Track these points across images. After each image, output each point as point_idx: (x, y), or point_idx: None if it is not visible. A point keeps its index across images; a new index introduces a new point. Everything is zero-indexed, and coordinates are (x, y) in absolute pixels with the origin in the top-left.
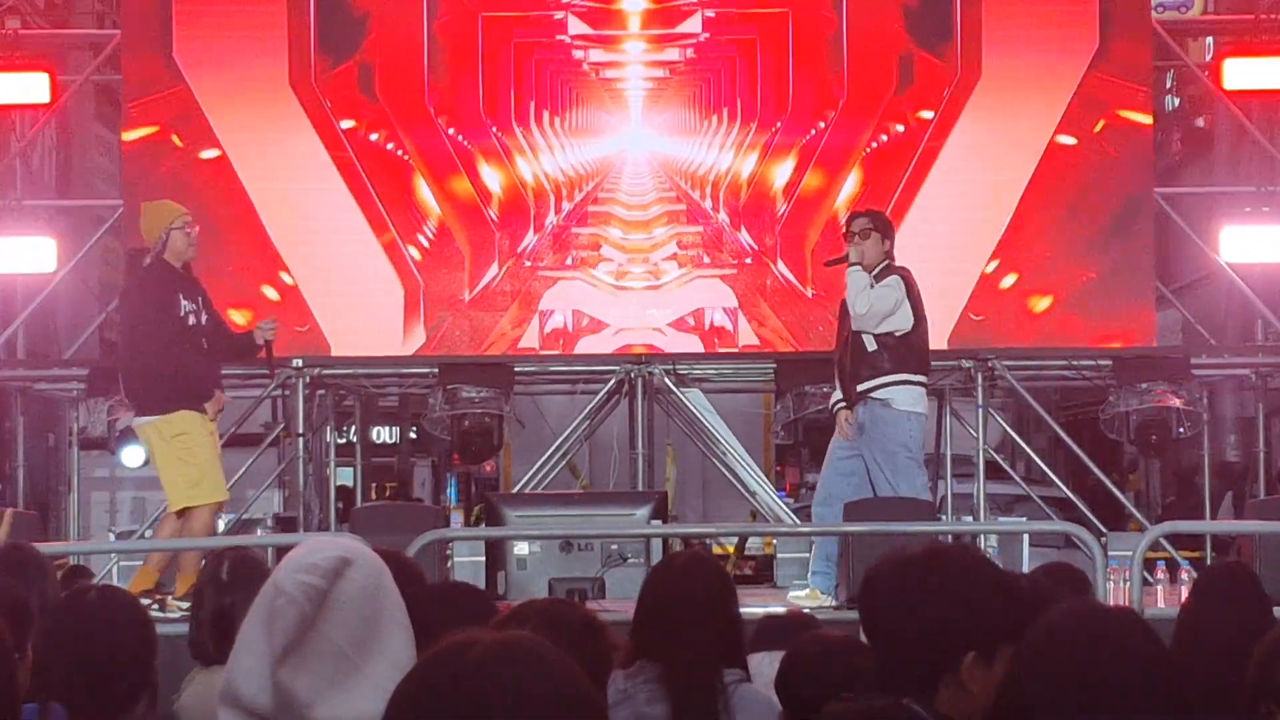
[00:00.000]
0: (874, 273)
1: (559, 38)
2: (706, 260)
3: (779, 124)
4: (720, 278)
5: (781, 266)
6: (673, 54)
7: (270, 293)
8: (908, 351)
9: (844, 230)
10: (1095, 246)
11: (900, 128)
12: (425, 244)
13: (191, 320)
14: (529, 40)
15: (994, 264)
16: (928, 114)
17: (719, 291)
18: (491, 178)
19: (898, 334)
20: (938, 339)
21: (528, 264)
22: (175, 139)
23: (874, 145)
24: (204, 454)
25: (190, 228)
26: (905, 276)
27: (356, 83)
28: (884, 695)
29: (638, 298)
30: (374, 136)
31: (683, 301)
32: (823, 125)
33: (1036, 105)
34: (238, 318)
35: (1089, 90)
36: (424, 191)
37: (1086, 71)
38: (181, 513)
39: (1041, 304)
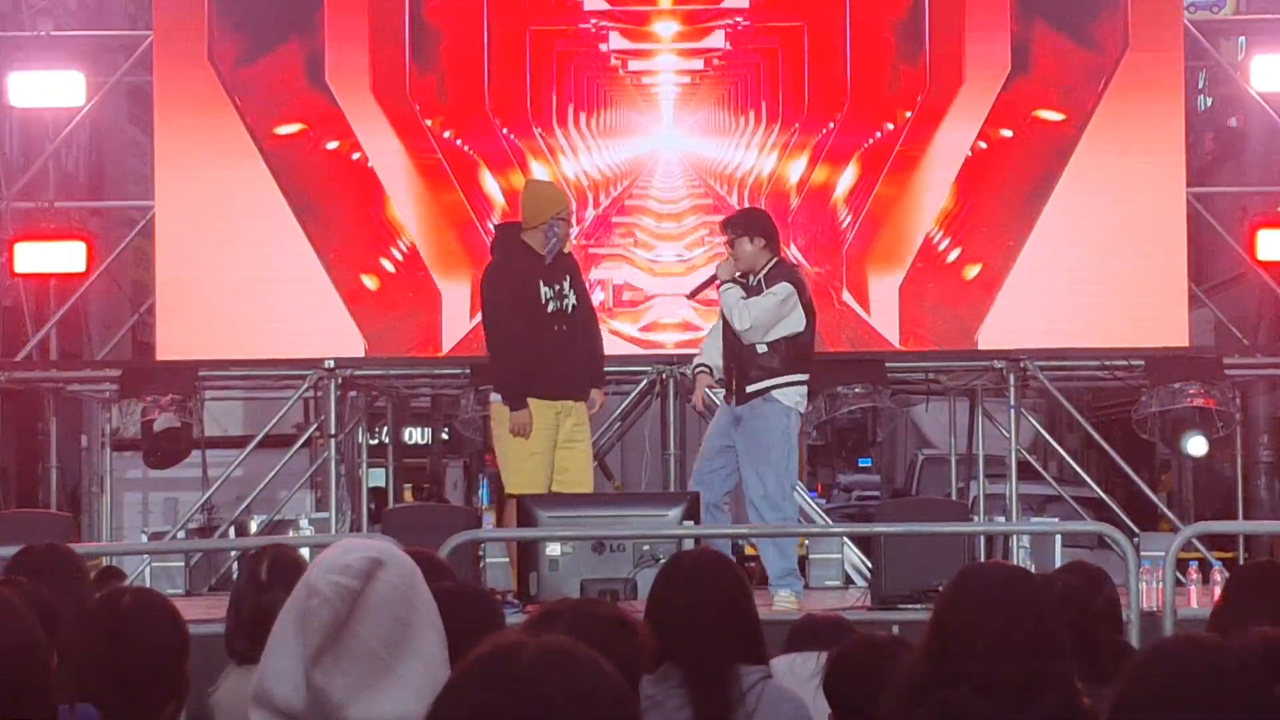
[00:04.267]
0: (760, 275)
1: (582, 26)
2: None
3: (832, 124)
4: None
5: (847, 297)
6: (709, 40)
7: (369, 281)
8: (797, 353)
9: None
10: (1126, 246)
11: (890, 126)
12: (390, 270)
13: (551, 307)
14: (547, 28)
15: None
16: (1051, 115)
17: None
18: (494, 187)
19: (789, 336)
20: (964, 339)
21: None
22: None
23: (869, 143)
24: (536, 445)
25: (567, 223)
26: (795, 278)
27: (435, 89)
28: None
29: (672, 283)
30: (447, 134)
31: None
32: (892, 126)
33: (1117, 96)
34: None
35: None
36: (490, 185)
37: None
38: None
39: (1070, 303)
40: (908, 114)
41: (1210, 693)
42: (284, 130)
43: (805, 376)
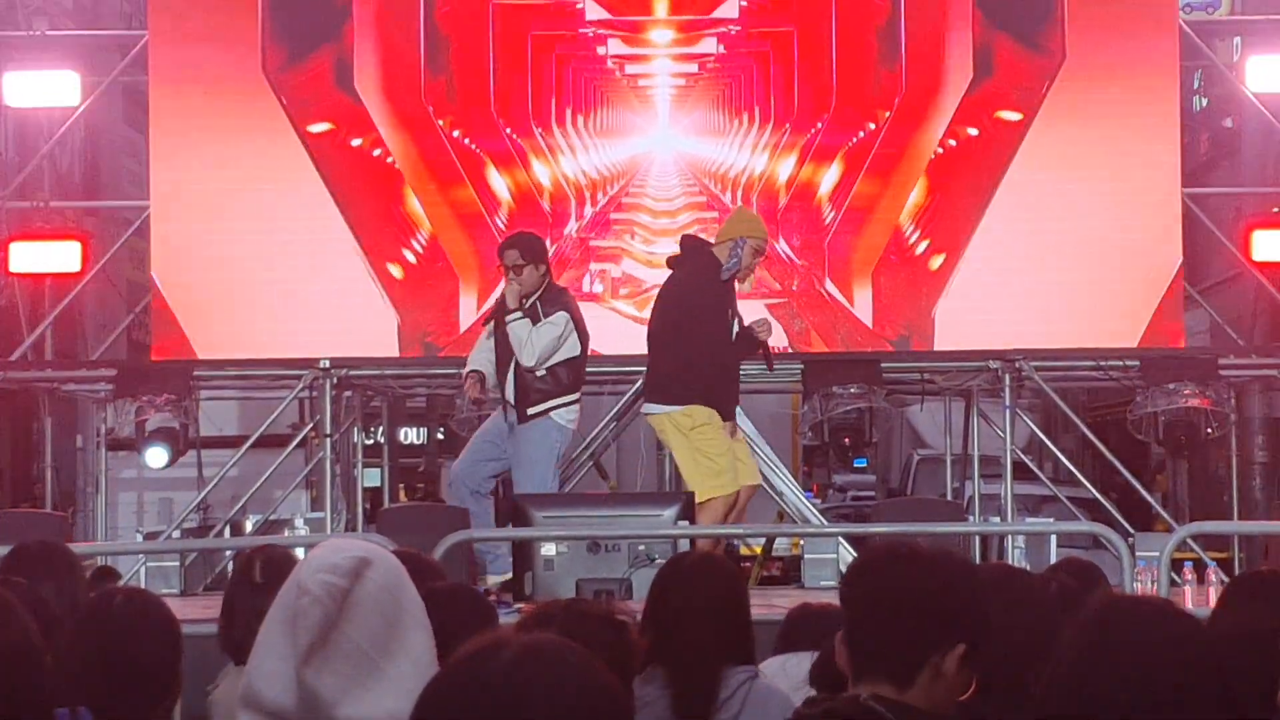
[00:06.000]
0: (535, 298)
1: (581, 31)
2: (746, 283)
3: (820, 124)
4: (767, 306)
5: (830, 286)
6: (703, 46)
7: (395, 271)
8: (573, 374)
9: (509, 264)
10: (1122, 247)
11: (871, 126)
12: (412, 260)
13: (734, 328)
14: (547, 33)
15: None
16: (1010, 115)
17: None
18: (542, 173)
19: (566, 360)
20: (966, 340)
21: (575, 236)
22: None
23: (852, 142)
24: (722, 444)
25: (757, 254)
26: (568, 303)
27: (445, 91)
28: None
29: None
30: (455, 134)
31: None
32: (873, 126)
33: (1116, 96)
34: None
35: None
36: (496, 182)
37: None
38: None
39: (1066, 304)
40: (886, 114)
41: (1156, 651)
42: (316, 129)
43: (578, 395)
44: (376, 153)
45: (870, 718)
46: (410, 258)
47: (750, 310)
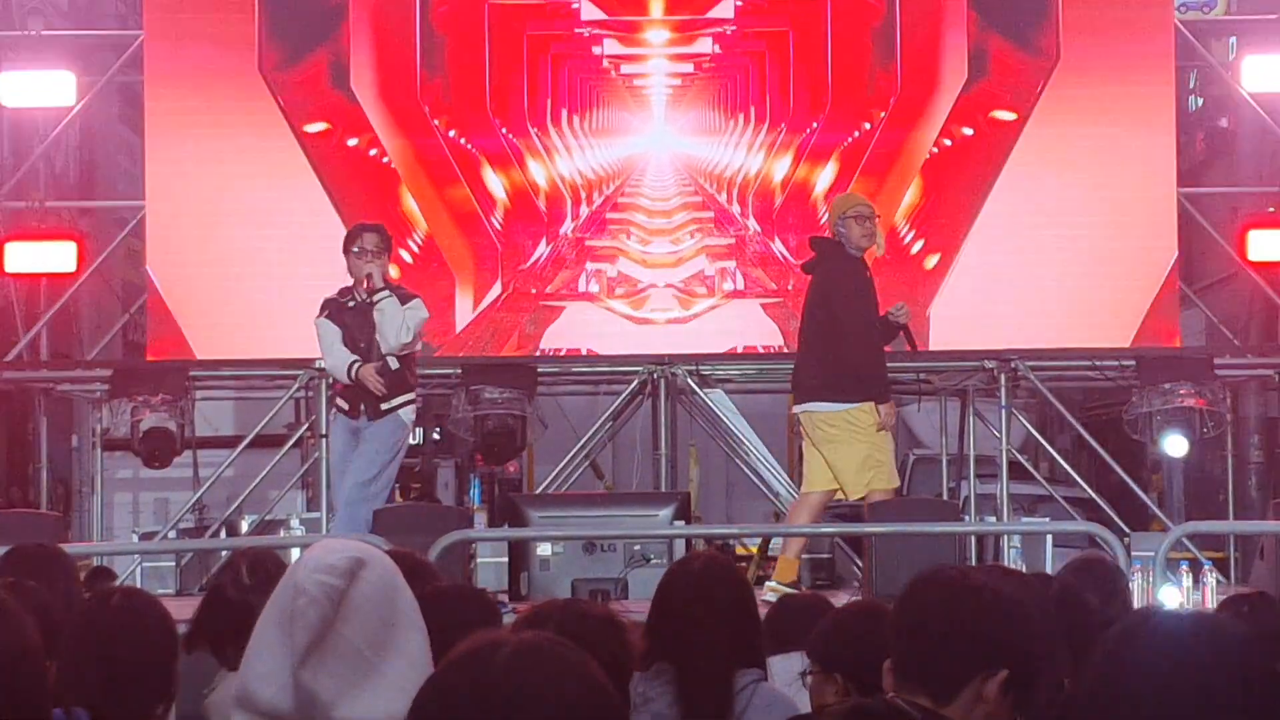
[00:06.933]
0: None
1: (577, 31)
2: (741, 283)
3: (815, 124)
4: (763, 306)
5: (778, 244)
6: (698, 46)
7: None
8: (412, 369)
9: (355, 249)
10: (1117, 246)
11: (867, 125)
12: (408, 260)
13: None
14: (543, 33)
15: (1009, 262)
16: (1005, 115)
17: (760, 325)
18: (538, 173)
19: (411, 353)
20: (962, 340)
21: (532, 290)
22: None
23: (848, 141)
24: (888, 444)
25: (863, 220)
26: (411, 291)
27: (440, 91)
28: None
29: (661, 332)
30: (452, 134)
31: (714, 335)
32: (869, 126)
33: (1111, 96)
34: None
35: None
36: (492, 181)
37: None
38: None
39: (1061, 304)
40: (881, 114)
41: (1197, 663)
42: (312, 129)
43: (416, 394)
44: (372, 152)
45: (900, 717)
46: (406, 257)
47: (747, 309)
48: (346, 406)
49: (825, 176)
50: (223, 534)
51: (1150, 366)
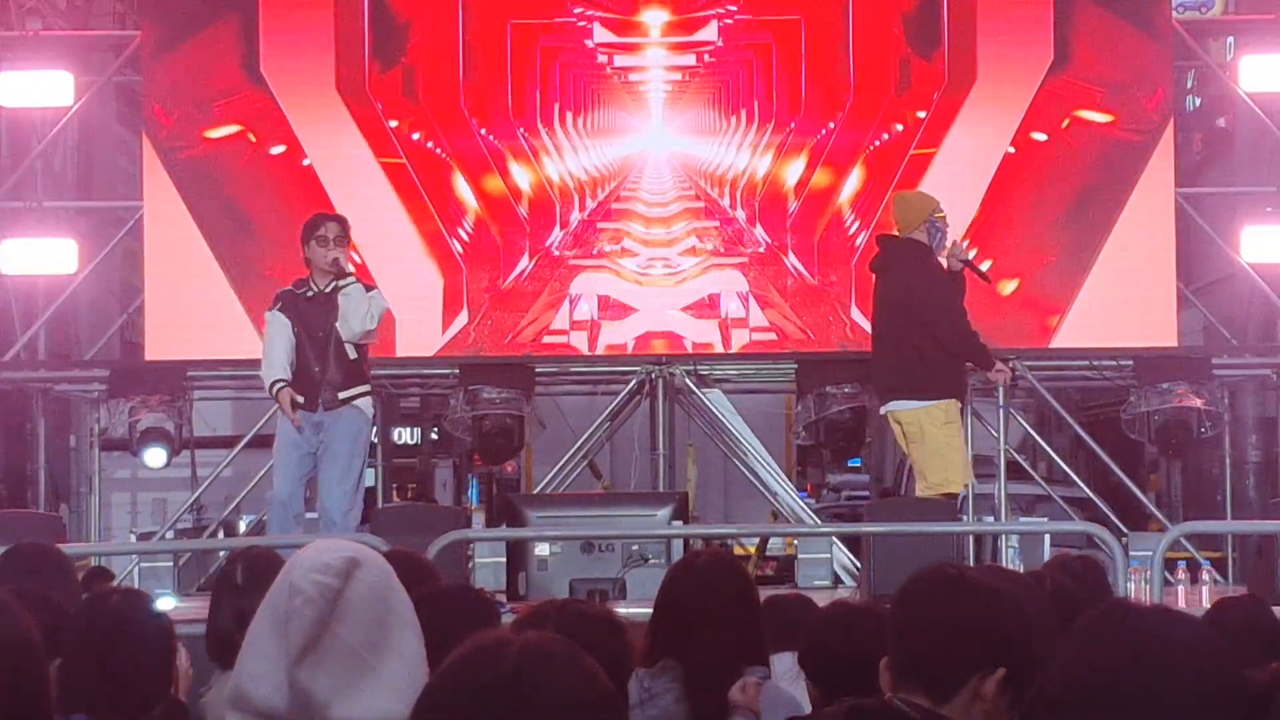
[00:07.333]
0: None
1: (585, 43)
2: (722, 251)
3: (792, 125)
4: (734, 266)
5: (793, 258)
6: (700, 34)
7: None
8: (367, 359)
9: (317, 235)
10: (1115, 246)
11: (899, 127)
12: (465, 238)
13: None
14: (529, 21)
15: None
16: (922, 114)
17: (732, 279)
18: (521, 177)
19: (369, 343)
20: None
21: (556, 253)
22: (250, 136)
23: (875, 144)
24: (961, 442)
25: (944, 222)
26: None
27: (401, 86)
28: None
29: (658, 293)
30: (416, 136)
31: (698, 291)
32: (832, 125)
33: (1036, 104)
34: None
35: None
36: (462, 189)
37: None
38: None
39: (1059, 304)
40: (920, 114)
41: (1161, 660)
42: (217, 134)
43: (370, 386)
44: (431, 145)
45: (898, 717)
46: (464, 235)
47: (744, 309)
48: (303, 400)
49: (851, 184)
50: (220, 534)
51: (1148, 366)
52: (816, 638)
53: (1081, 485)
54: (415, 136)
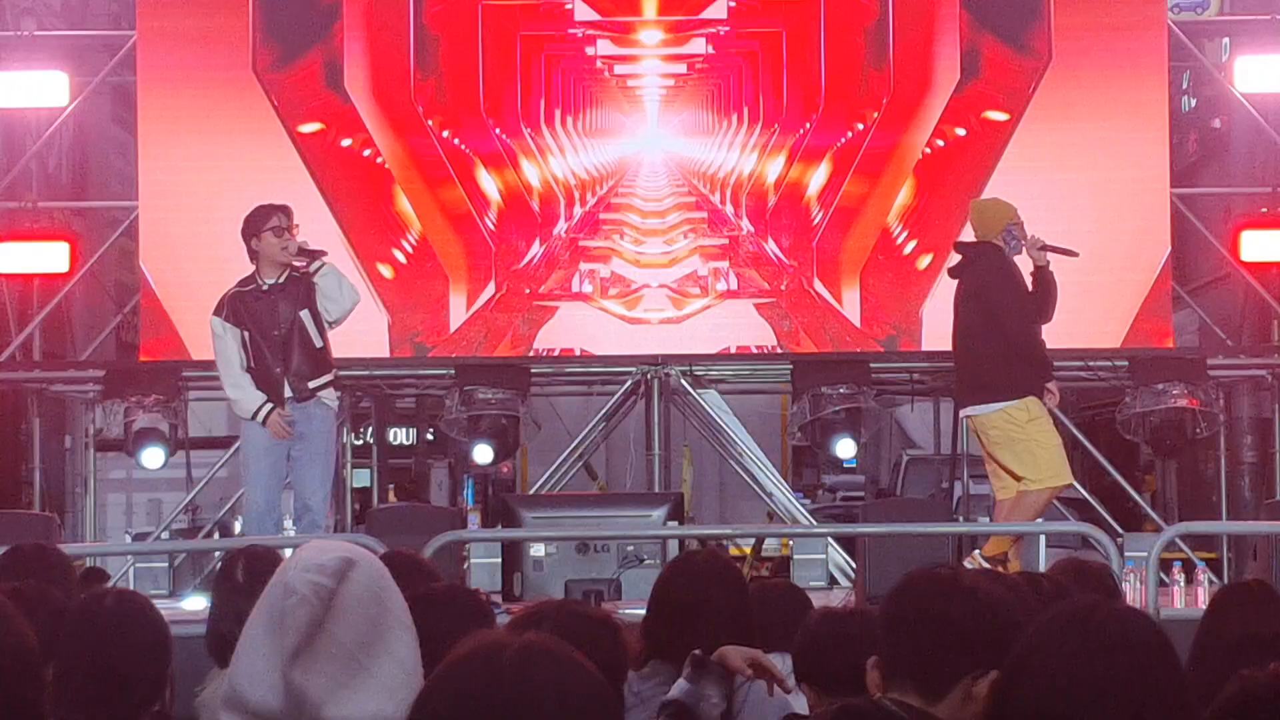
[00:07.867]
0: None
1: (570, 31)
2: (735, 283)
3: (808, 125)
4: (756, 306)
5: (819, 286)
6: (692, 46)
7: (385, 271)
8: (330, 347)
9: (272, 226)
10: (1111, 247)
11: (860, 126)
12: (402, 260)
13: None
14: (536, 33)
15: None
16: (997, 115)
17: (753, 325)
18: (531, 173)
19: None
20: (912, 318)
21: (526, 290)
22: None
23: (841, 142)
24: (1056, 436)
25: (1021, 230)
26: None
27: (322, 80)
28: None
29: (655, 332)
30: (346, 142)
31: (707, 335)
32: (862, 127)
33: (1104, 96)
34: None
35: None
36: (404, 202)
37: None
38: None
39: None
40: (874, 115)
41: (1106, 656)
42: (306, 129)
43: (335, 374)
44: (366, 153)
45: (889, 717)
46: (400, 258)
47: (740, 309)
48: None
49: (818, 177)
50: (216, 535)
51: (1143, 367)
52: (809, 642)
53: (1077, 486)
54: (445, 134)
